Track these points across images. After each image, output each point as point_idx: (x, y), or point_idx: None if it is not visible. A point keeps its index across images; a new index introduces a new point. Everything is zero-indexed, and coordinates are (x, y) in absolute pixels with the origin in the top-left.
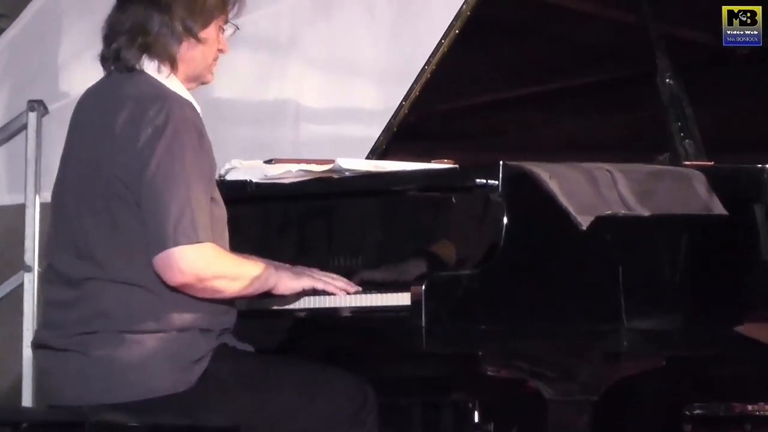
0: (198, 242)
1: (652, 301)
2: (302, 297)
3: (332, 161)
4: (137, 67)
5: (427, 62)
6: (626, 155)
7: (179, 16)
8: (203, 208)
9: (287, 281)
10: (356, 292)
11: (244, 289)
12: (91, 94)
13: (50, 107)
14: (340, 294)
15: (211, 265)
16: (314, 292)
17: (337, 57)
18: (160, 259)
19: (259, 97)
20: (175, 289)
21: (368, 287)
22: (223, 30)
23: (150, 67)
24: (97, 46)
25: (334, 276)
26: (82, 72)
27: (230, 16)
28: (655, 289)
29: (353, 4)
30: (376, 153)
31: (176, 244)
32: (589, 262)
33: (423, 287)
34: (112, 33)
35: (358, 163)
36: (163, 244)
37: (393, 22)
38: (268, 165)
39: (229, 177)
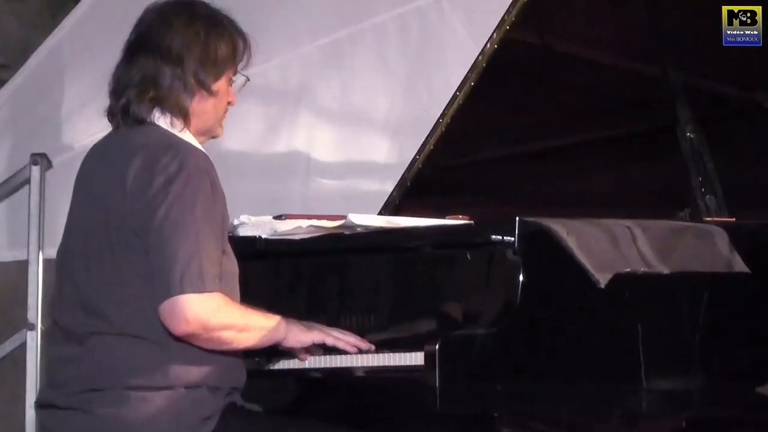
0: (205, 292)
1: (672, 360)
2: (312, 353)
3: (344, 217)
4: (147, 119)
5: (442, 114)
6: (646, 211)
7: (191, 69)
8: (213, 258)
9: (297, 334)
10: (368, 349)
11: (253, 340)
12: (98, 148)
13: (54, 161)
14: (351, 350)
15: (218, 315)
16: (324, 348)
17: (349, 108)
18: (165, 307)
19: (268, 150)
20: (182, 342)
21: (380, 346)
22: (232, 81)
23: (161, 120)
24: (102, 97)
25: (345, 332)
26: (87, 124)
27: (239, 67)
28: (675, 349)
29: (365, 54)
30: (389, 208)
31: (182, 292)
32: (607, 321)
33: (437, 346)
34: (120, 87)
35: (371, 218)
36: (169, 292)
37: (407, 73)
38: (277, 221)
39: (238, 233)
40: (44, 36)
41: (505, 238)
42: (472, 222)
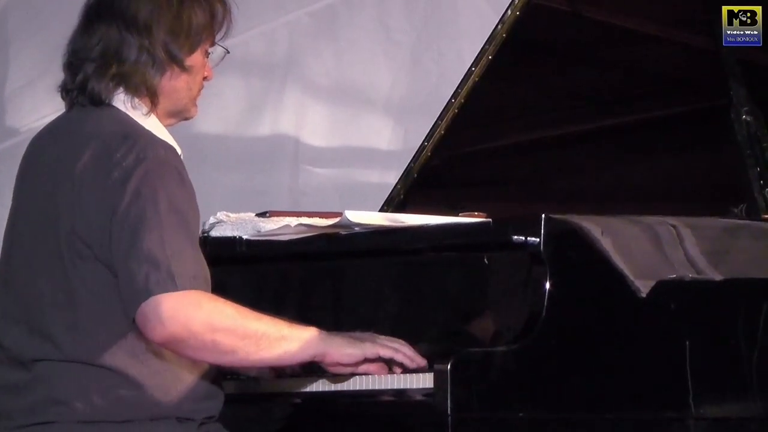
0: (177, 291)
1: (726, 383)
2: (355, 375)
3: (339, 214)
4: (106, 100)
5: (455, 93)
6: (694, 207)
7: (161, 41)
8: (185, 257)
9: (343, 346)
10: (422, 366)
11: (269, 352)
12: (46, 134)
13: None
14: (411, 365)
15: (201, 312)
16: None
17: (344, 85)
18: (138, 317)
19: (249, 134)
20: (146, 369)
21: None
22: (209, 53)
23: (123, 100)
24: (54, 73)
25: (400, 342)
26: (35, 104)
27: (217, 37)
28: (729, 370)
29: (364, 21)
30: (393, 203)
31: (150, 294)
32: (649, 336)
33: (448, 366)
34: (77, 60)
35: (371, 216)
36: (137, 302)
37: (413, 43)
38: (261, 218)
39: (214, 233)
40: None
41: (528, 238)
42: (489, 220)
